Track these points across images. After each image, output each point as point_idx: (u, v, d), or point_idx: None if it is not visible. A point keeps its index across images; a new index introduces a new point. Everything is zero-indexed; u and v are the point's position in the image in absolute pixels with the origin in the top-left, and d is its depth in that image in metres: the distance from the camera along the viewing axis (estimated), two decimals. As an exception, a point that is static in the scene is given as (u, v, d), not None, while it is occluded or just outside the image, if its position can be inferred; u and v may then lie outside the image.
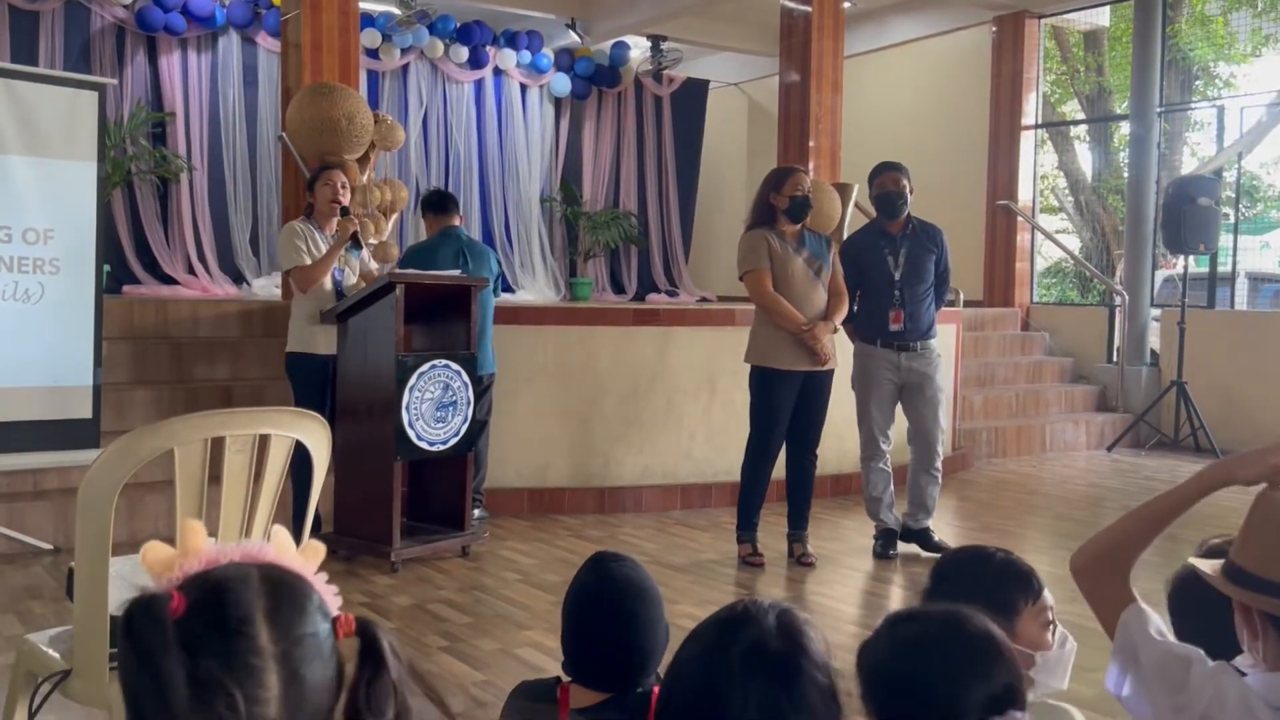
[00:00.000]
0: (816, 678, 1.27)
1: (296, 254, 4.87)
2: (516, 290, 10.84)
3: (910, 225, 5.08)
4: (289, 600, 0.92)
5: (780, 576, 4.76)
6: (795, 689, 1.26)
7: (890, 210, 5.06)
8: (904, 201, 5.04)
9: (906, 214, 5.08)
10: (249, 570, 0.93)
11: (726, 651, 1.29)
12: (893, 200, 5.04)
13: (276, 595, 0.91)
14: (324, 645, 0.92)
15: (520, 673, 3.36)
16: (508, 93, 11.15)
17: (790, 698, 1.25)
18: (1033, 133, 10.12)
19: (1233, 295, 8.96)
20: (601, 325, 6.15)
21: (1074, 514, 6.10)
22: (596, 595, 1.75)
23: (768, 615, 1.32)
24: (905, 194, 5.04)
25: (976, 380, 8.64)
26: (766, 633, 1.30)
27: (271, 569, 0.94)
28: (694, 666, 1.32)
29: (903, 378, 5.04)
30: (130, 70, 8.99)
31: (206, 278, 9.07)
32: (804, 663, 1.28)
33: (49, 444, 4.89)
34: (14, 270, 4.78)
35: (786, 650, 1.28)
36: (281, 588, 0.92)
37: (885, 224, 5.10)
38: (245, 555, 0.95)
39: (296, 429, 2.42)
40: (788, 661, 1.28)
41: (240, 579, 0.91)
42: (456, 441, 4.89)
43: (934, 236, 5.12)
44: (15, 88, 4.81)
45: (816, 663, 1.29)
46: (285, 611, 0.91)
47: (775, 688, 1.26)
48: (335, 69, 6.55)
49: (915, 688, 1.37)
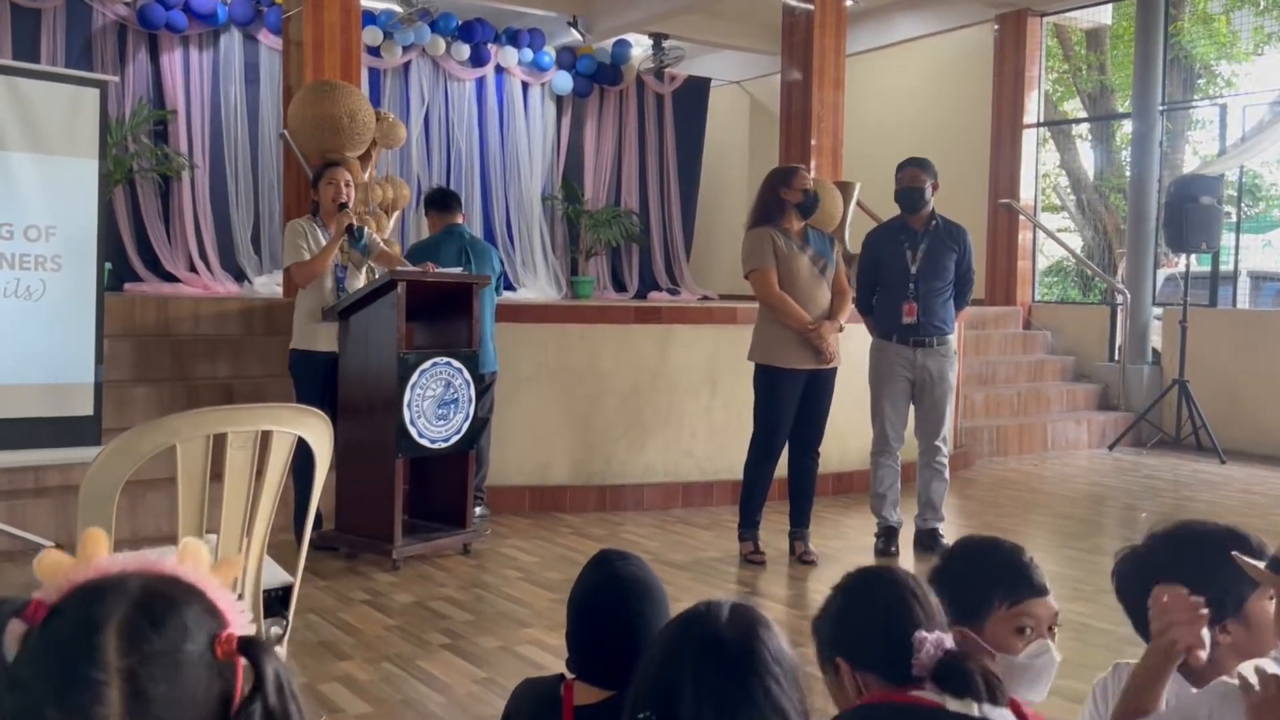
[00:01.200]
0: (773, 670, 1.29)
1: (296, 250, 4.90)
2: (518, 288, 10.83)
3: (934, 222, 5.08)
4: (153, 615, 0.86)
5: (782, 574, 4.76)
6: (750, 682, 1.27)
7: (908, 205, 5.07)
8: (921, 196, 5.04)
9: (930, 210, 5.08)
10: (127, 581, 0.88)
11: (682, 648, 1.32)
12: (910, 195, 5.05)
13: (142, 609, 0.86)
14: (188, 664, 0.86)
15: (521, 670, 3.35)
16: (509, 90, 11.14)
17: (745, 691, 1.27)
18: (1035, 131, 10.12)
19: (1235, 294, 8.96)
20: (603, 323, 6.15)
21: (1075, 513, 6.09)
22: (602, 593, 1.75)
23: (722, 611, 1.34)
24: (923, 189, 5.04)
25: (978, 378, 8.63)
26: (720, 627, 1.32)
27: (157, 581, 0.89)
28: (654, 665, 1.34)
29: (917, 374, 5.04)
30: (132, 67, 8.99)
31: (208, 275, 9.07)
32: (758, 656, 1.29)
33: (50, 441, 4.88)
34: (15, 267, 4.77)
35: (740, 643, 1.30)
36: (154, 602, 0.87)
37: (907, 219, 5.11)
38: (141, 566, 0.90)
39: (298, 426, 2.42)
40: (741, 655, 1.29)
41: (112, 590, 0.88)
42: (458, 439, 4.88)
43: (957, 236, 5.12)
44: (17, 85, 4.80)
45: (773, 655, 1.30)
46: (142, 626, 0.85)
47: (730, 682, 1.27)
48: (337, 67, 6.55)
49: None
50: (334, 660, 3.54)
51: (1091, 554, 5.14)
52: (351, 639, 3.76)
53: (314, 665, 3.49)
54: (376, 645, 3.70)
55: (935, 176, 5.10)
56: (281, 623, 2.67)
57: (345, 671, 3.44)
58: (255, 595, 2.47)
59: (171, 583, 0.90)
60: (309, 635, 3.77)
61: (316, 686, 3.31)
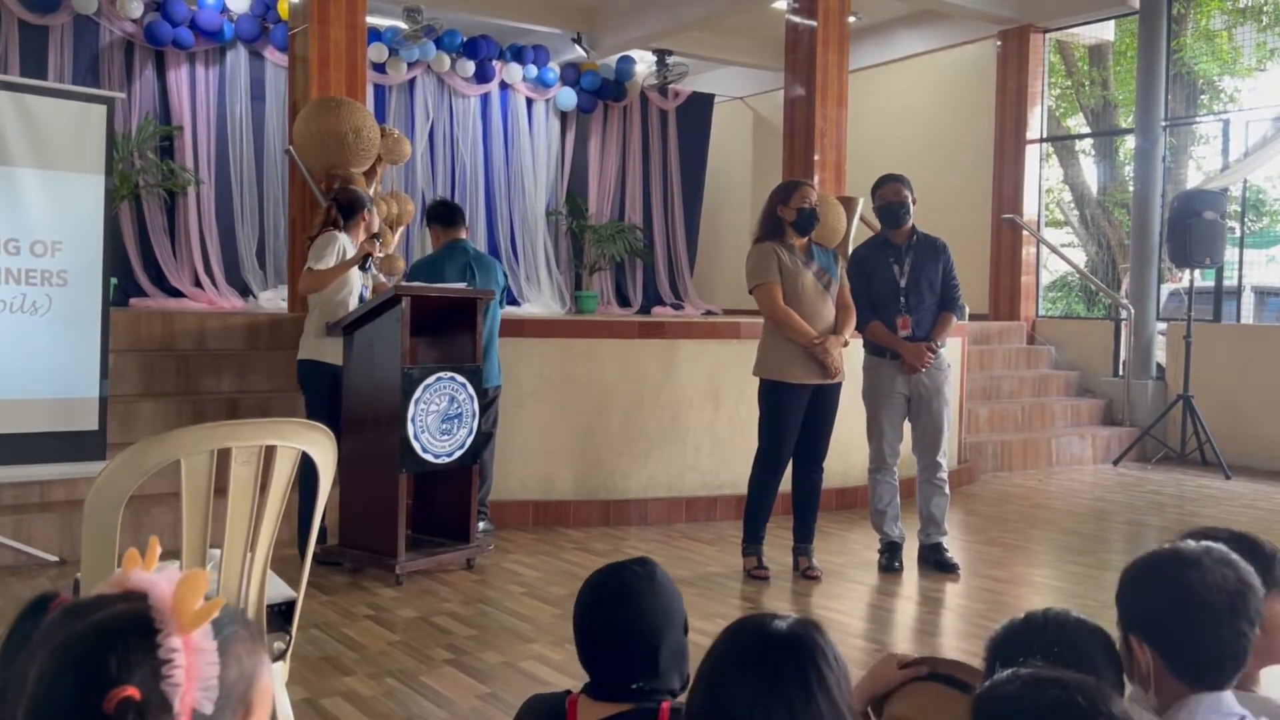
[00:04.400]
0: (834, 666, 1.29)
1: (321, 256, 4.82)
2: (522, 303, 10.86)
3: (915, 236, 5.11)
4: (66, 642, 0.89)
5: (786, 590, 4.75)
6: (809, 676, 1.27)
7: (893, 220, 5.09)
8: (905, 211, 5.06)
9: (911, 225, 5.10)
10: (110, 603, 0.90)
11: (738, 648, 1.32)
12: (894, 210, 5.07)
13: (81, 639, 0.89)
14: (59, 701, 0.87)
15: (525, 686, 3.35)
16: (514, 106, 11.19)
17: (805, 688, 1.26)
18: (1038, 146, 10.13)
19: (1239, 309, 8.95)
20: (607, 338, 6.15)
21: (1079, 528, 6.08)
22: (597, 597, 1.74)
23: (778, 621, 1.35)
24: (907, 203, 5.06)
25: (982, 393, 8.62)
26: (778, 626, 1.32)
27: (122, 614, 0.90)
28: (704, 670, 1.34)
29: (912, 390, 5.04)
30: (139, 84, 9.04)
31: (213, 290, 9.10)
32: (820, 650, 1.30)
33: (55, 455, 4.90)
34: (22, 282, 4.80)
35: (800, 637, 1.31)
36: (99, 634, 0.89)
37: (890, 234, 5.12)
38: (139, 584, 0.92)
39: (302, 440, 2.42)
40: (802, 647, 1.30)
41: (92, 605, 0.90)
42: (462, 454, 4.89)
43: (938, 247, 5.14)
44: (25, 101, 4.83)
45: (834, 653, 1.31)
46: (35, 646, 0.90)
47: (794, 674, 1.27)
48: (342, 83, 6.58)
49: None
50: (337, 675, 3.54)
51: (1096, 569, 5.12)
52: (354, 654, 3.75)
53: (317, 680, 3.48)
54: (379, 660, 3.69)
55: (913, 191, 5.12)
56: (284, 637, 2.67)
57: (348, 687, 3.44)
58: (259, 610, 2.47)
59: (130, 619, 0.90)
60: (312, 650, 3.76)
61: (319, 701, 3.30)
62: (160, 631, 0.89)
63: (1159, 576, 1.58)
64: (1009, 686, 1.18)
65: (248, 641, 0.96)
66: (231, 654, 0.93)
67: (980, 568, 5.14)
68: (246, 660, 0.95)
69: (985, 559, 5.32)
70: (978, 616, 4.34)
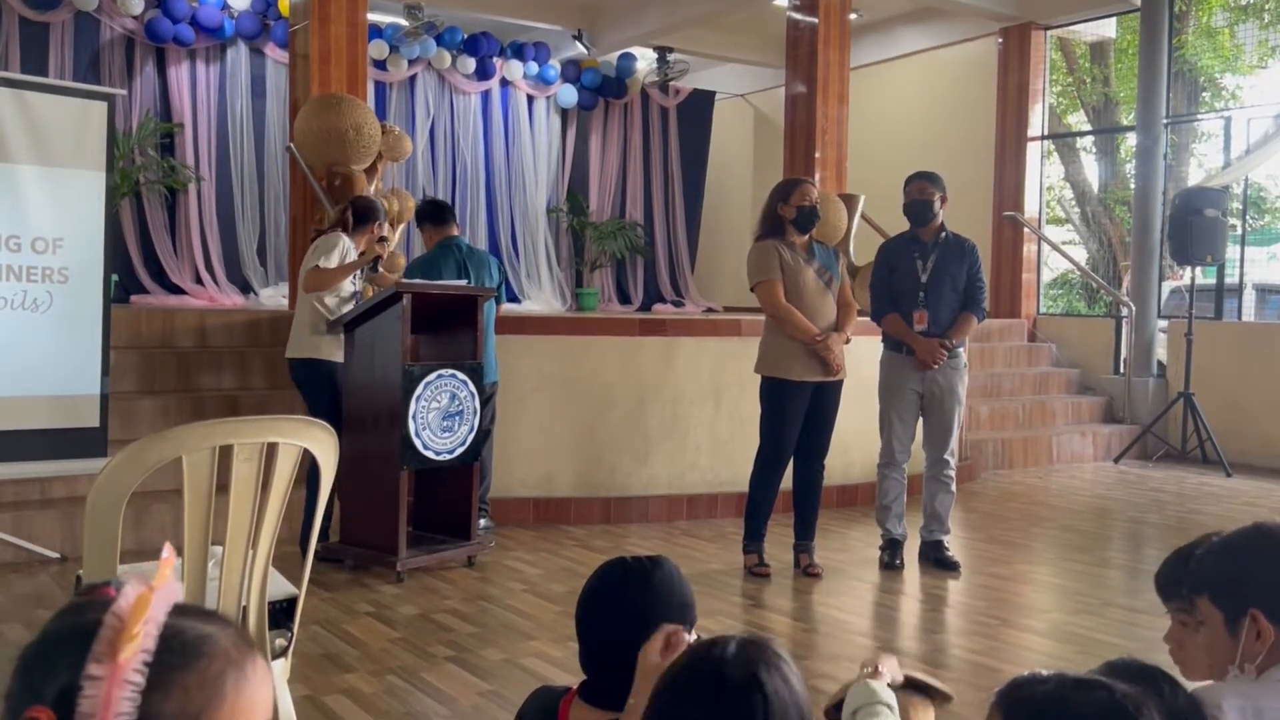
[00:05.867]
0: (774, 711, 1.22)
1: (329, 255, 4.83)
2: (522, 300, 10.86)
3: (943, 234, 5.10)
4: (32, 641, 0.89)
5: (786, 587, 4.75)
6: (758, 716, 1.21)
7: (917, 218, 5.09)
8: (929, 208, 5.05)
9: (940, 223, 5.09)
10: (87, 609, 0.88)
11: (685, 690, 1.25)
12: (918, 207, 5.07)
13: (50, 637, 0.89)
14: None
15: (526, 683, 3.35)
16: (515, 103, 11.18)
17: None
18: (1039, 144, 10.13)
19: (1240, 306, 8.95)
20: (607, 335, 6.15)
21: (1080, 526, 6.08)
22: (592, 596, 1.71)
23: (728, 647, 1.26)
24: (930, 201, 5.05)
25: (983, 391, 8.62)
26: (724, 666, 1.24)
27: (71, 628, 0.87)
28: (656, 706, 1.27)
29: (926, 387, 5.04)
30: (139, 81, 9.04)
31: (214, 287, 9.10)
32: (760, 698, 1.21)
33: (56, 452, 4.90)
34: (22, 279, 4.80)
35: (742, 684, 1.22)
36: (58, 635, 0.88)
37: (917, 231, 5.12)
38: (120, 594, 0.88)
39: (304, 438, 2.42)
40: (742, 698, 1.22)
41: (75, 609, 0.90)
42: (463, 451, 4.89)
43: (966, 248, 5.13)
44: (25, 98, 4.83)
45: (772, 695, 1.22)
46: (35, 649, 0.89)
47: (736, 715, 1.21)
48: (343, 80, 6.58)
49: None
50: (338, 672, 3.54)
51: (1096, 567, 5.12)
52: (356, 651, 3.76)
53: (318, 677, 3.48)
54: (381, 658, 3.69)
55: (944, 190, 5.10)
56: (286, 635, 2.67)
57: (349, 684, 3.44)
58: (260, 607, 2.47)
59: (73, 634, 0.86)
60: (313, 647, 3.76)
61: (320, 699, 3.30)
62: (90, 653, 0.84)
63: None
64: (1043, 686, 1.15)
65: (207, 671, 0.87)
66: (175, 684, 0.84)
67: (981, 565, 5.14)
68: (197, 693, 0.86)
69: (986, 557, 5.32)
70: (979, 614, 4.34)
